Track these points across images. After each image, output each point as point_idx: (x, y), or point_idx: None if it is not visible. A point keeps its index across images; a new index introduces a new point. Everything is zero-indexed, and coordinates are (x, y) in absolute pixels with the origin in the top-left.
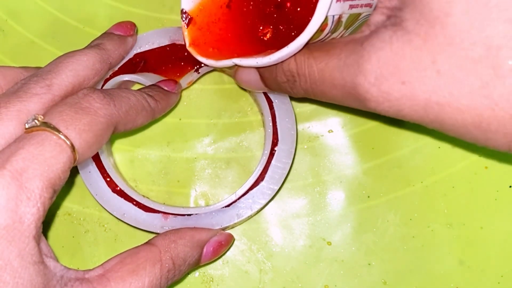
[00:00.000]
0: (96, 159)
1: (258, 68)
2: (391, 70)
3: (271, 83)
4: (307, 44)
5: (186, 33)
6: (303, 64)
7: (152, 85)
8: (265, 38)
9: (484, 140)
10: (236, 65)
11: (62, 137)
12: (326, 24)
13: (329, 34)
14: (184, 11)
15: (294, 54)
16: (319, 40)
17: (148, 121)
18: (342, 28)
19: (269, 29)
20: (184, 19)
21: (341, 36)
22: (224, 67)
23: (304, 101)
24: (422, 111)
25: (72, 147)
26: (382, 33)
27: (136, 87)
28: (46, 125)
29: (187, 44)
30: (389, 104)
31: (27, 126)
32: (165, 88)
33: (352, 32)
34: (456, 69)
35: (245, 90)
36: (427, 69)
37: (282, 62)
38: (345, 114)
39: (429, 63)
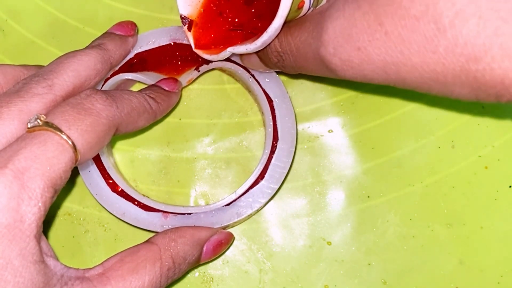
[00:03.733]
0: (96, 159)
1: (256, 52)
2: (346, 38)
3: (268, 63)
4: (286, 24)
5: (190, 36)
6: (284, 43)
7: (153, 85)
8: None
9: (450, 93)
10: (232, 53)
11: (64, 137)
12: (303, 1)
13: (311, 8)
14: (183, 16)
15: (277, 35)
16: (303, 17)
17: (149, 123)
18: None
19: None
20: (184, 24)
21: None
22: (224, 57)
23: (304, 100)
24: (383, 73)
25: (74, 147)
26: (337, 2)
27: (136, 85)
28: (48, 125)
29: (193, 47)
30: (353, 71)
31: (29, 126)
32: (166, 88)
33: None
34: (401, 28)
35: (247, 89)
36: (376, 32)
37: (269, 44)
38: (345, 114)
39: (377, 26)
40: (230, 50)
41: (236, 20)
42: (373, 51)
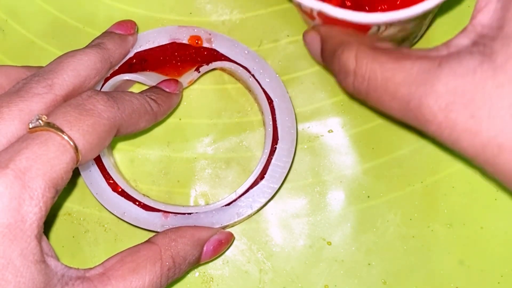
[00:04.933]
0: (97, 158)
1: (323, 39)
2: (465, 101)
3: (326, 60)
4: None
5: None
6: (364, 66)
7: (154, 87)
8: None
9: None
10: (320, 11)
11: (66, 137)
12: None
13: (385, 28)
14: None
15: (356, 51)
16: (376, 33)
17: (150, 124)
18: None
19: None
20: None
21: (391, 37)
22: (309, 6)
23: (309, 102)
24: (480, 149)
25: (76, 148)
26: (465, 59)
27: (136, 85)
28: (50, 125)
29: None
30: (450, 132)
31: (30, 126)
32: (167, 90)
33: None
34: None
35: (247, 88)
36: (502, 109)
37: (342, 52)
38: (345, 114)
39: (507, 104)
40: (322, 7)
41: None
42: (487, 125)
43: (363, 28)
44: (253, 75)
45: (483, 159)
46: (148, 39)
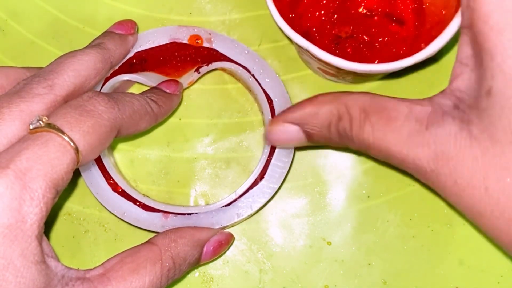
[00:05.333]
0: (97, 159)
1: (305, 128)
2: (450, 167)
3: (320, 138)
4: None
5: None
6: (358, 126)
7: (154, 88)
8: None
9: None
10: (307, 50)
11: (66, 138)
12: None
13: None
14: None
15: (350, 111)
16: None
17: (150, 125)
18: None
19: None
20: None
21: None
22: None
23: None
24: (468, 211)
25: (76, 149)
26: (448, 123)
27: (136, 85)
28: (50, 126)
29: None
30: (442, 190)
31: (31, 127)
32: (167, 91)
33: None
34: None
35: (247, 88)
36: (477, 181)
37: (339, 121)
38: None
39: (480, 177)
40: (308, 46)
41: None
42: (468, 195)
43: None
44: (253, 75)
45: (472, 219)
46: (148, 39)
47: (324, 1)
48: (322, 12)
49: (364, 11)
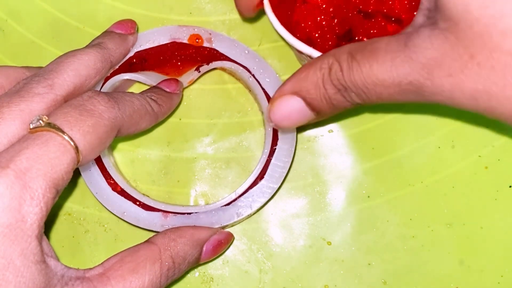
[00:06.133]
0: (97, 158)
1: (302, 95)
2: (438, 66)
3: (320, 101)
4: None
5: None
6: (349, 70)
7: (154, 87)
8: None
9: None
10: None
11: (67, 138)
12: None
13: None
14: None
15: (338, 59)
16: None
17: (151, 125)
18: None
19: None
20: None
21: None
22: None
23: None
24: (473, 100)
25: (76, 148)
26: (422, 32)
27: (136, 85)
28: (50, 125)
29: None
30: (444, 94)
31: (31, 126)
32: (167, 90)
33: None
34: (494, 61)
35: (248, 88)
36: (467, 62)
37: (330, 71)
38: (345, 114)
39: (468, 57)
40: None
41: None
42: (466, 79)
43: None
44: (253, 75)
45: (481, 109)
46: (148, 39)
47: (324, 6)
48: (322, 17)
49: (361, 13)
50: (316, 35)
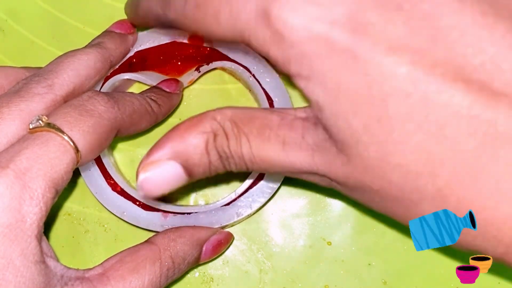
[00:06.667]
0: (97, 158)
1: (182, 160)
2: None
3: (199, 167)
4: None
5: None
6: (236, 142)
7: (154, 87)
8: None
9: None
10: None
11: (66, 138)
12: None
13: None
14: None
15: (222, 125)
16: None
17: (151, 125)
18: None
19: None
20: None
21: None
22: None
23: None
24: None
25: (76, 148)
26: (320, 131)
27: (136, 85)
28: (50, 126)
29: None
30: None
31: (31, 127)
32: (167, 90)
33: None
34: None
35: (248, 88)
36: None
37: (215, 137)
38: None
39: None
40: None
41: None
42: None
43: None
44: (253, 75)
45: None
46: (149, 39)
47: None
48: None
49: None
50: None
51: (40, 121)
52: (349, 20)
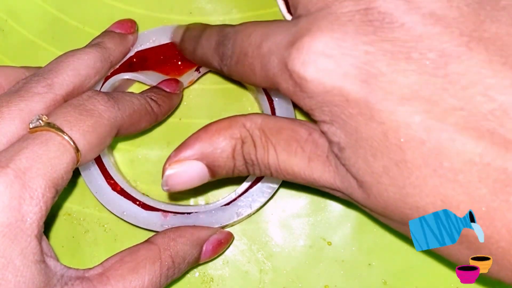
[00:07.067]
0: (97, 158)
1: (208, 161)
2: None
3: (224, 169)
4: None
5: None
6: (264, 152)
7: (154, 87)
8: None
9: None
10: None
11: (66, 137)
12: None
13: None
14: None
15: (251, 133)
16: None
17: (150, 125)
18: None
19: None
20: None
21: None
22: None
23: None
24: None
25: (76, 148)
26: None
27: (136, 85)
28: (50, 125)
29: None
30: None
31: (31, 126)
32: (167, 90)
33: None
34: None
35: (248, 88)
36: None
37: (243, 144)
38: None
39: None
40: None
41: None
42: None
43: None
44: None
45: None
46: (149, 38)
47: None
48: None
49: None
50: None
51: (40, 121)
52: (360, 71)
